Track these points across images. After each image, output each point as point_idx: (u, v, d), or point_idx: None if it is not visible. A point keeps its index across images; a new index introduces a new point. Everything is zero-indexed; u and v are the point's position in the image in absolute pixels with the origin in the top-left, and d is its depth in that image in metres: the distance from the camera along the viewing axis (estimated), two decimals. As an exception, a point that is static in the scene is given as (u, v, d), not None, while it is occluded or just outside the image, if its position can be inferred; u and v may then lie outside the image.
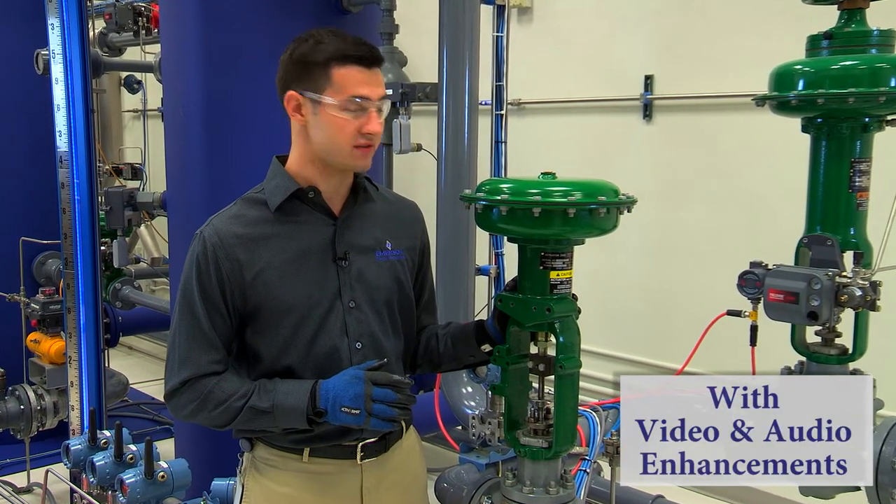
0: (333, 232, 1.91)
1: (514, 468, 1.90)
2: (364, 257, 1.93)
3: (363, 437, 1.93)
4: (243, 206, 1.92)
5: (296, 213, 1.90)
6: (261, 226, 1.88)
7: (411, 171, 5.03)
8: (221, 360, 1.87)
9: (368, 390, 1.74)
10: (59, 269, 4.60)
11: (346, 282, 1.90)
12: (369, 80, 1.81)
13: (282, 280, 1.85)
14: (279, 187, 1.90)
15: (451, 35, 3.48)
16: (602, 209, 1.70)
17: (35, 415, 4.59)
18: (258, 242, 1.86)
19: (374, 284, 1.93)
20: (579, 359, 1.78)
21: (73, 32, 3.82)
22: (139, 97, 6.36)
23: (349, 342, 1.90)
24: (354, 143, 1.82)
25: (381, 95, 1.83)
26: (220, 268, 1.84)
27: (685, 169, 4.49)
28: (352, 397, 1.75)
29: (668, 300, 4.60)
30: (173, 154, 3.63)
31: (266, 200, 1.90)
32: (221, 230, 1.87)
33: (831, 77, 2.10)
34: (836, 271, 2.10)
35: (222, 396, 1.83)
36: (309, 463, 1.93)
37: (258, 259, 1.85)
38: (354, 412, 1.74)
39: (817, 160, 2.23)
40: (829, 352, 2.23)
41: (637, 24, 4.63)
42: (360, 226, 1.95)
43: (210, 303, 1.84)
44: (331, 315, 1.88)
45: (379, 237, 1.97)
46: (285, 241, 1.87)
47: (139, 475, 2.60)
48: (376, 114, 1.82)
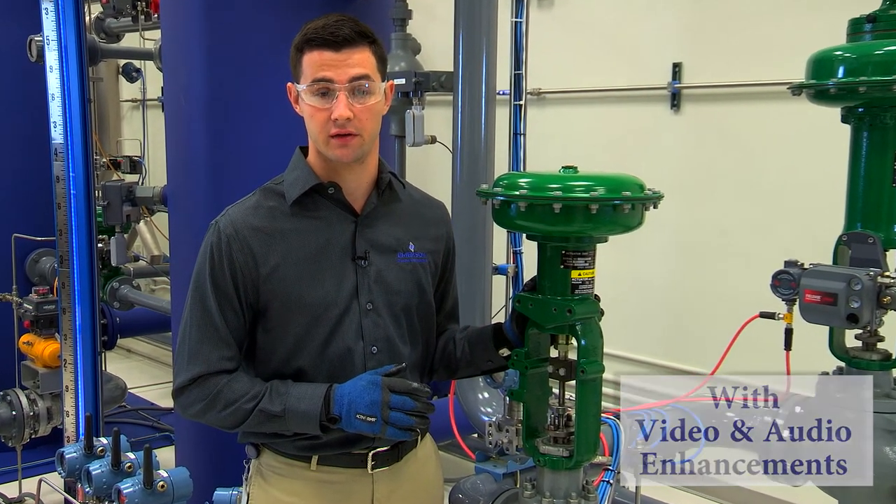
0: (354, 230, 1.91)
1: (533, 478, 1.90)
2: (385, 258, 1.93)
3: (375, 445, 1.94)
4: (262, 197, 1.93)
5: (315, 208, 1.91)
6: (279, 219, 1.89)
7: (425, 165, 5.04)
8: (233, 357, 1.88)
9: (386, 397, 1.75)
10: (54, 267, 4.62)
11: (365, 283, 1.91)
12: (334, 61, 1.79)
13: (297, 277, 1.86)
14: (298, 180, 1.91)
15: (467, 21, 3.48)
16: (626, 205, 1.70)
17: (27, 421, 4.61)
18: (275, 236, 1.87)
19: (393, 287, 1.94)
20: (602, 363, 1.78)
21: (69, 17, 3.84)
22: (138, 86, 6.38)
23: (364, 346, 1.90)
24: (328, 133, 1.81)
25: (349, 77, 1.79)
26: (234, 260, 1.85)
27: (716, 163, 4.48)
28: (368, 404, 1.75)
29: (698, 301, 4.58)
30: (174, 146, 3.65)
31: (284, 193, 1.91)
32: (237, 221, 1.88)
33: (874, 63, 2.09)
34: (878, 271, 2.09)
35: (232, 397, 1.84)
36: (318, 471, 1.93)
37: (274, 254, 1.86)
38: (370, 420, 1.75)
39: (858, 152, 2.22)
40: (871, 357, 2.22)
41: (664, 8, 4.62)
42: (383, 224, 1.95)
43: (223, 296, 1.86)
44: (346, 316, 1.89)
45: (401, 237, 1.97)
46: (303, 237, 1.88)
47: (138, 485, 2.61)
48: (344, 97, 1.78)
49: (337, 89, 1.79)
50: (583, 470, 1.88)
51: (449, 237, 2.11)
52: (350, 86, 1.79)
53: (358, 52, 1.81)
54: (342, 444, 1.91)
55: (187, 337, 1.89)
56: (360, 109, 1.81)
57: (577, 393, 1.77)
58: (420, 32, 4.68)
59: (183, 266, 3.38)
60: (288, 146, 2.00)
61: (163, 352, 7.24)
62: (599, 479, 2.04)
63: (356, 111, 1.80)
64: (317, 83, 1.79)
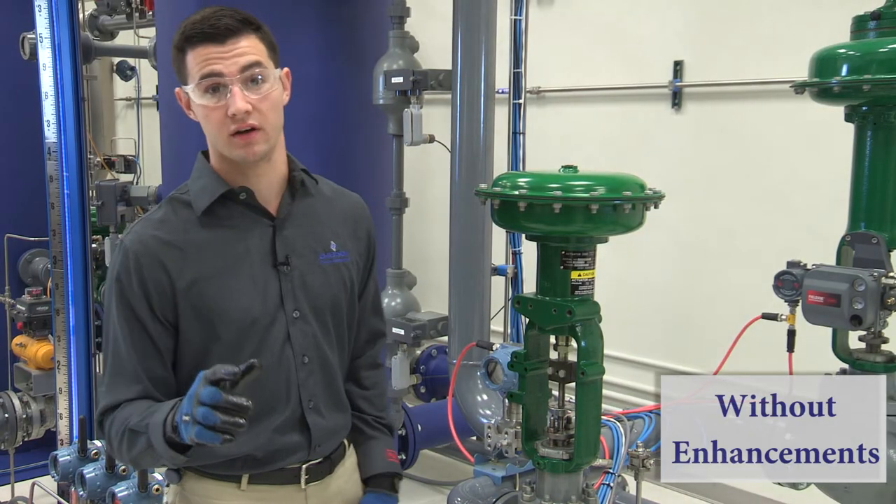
0: (272, 234, 1.83)
1: (533, 482, 1.90)
2: (306, 261, 1.86)
3: (309, 457, 1.89)
4: (169, 210, 1.83)
5: (228, 216, 1.81)
6: (190, 231, 1.79)
7: (423, 164, 5.04)
8: (141, 391, 1.77)
9: (199, 389, 1.53)
10: (47, 267, 4.63)
11: (289, 289, 1.83)
12: (220, 54, 1.68)
13: (218, 291, 1.77)
14: (206, 189, 1.80)
15: (465, 18, 3.49)
16: (627, 205, 1.69)
17: (20, 423, 4.61)
18: (187, 250, 1.77)
19: (318, 291, 1.87)
20: (602, 365, 1.78)
21: (62, 14, 3.84)
22: (133, 84, 6.39)
23: (294, 356, 1.84)
24: (228, 132, 1.70)
25: (240, 67, 1.68)
26: (146, 279, 1.74)
27: (717, 162, 4.47)
28: (188, 399, 1.56)
29: (698, 303, 4.58)
30: (169, 145, 3.65)
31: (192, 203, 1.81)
32: (145, 236, 1.77)
33: (879, 61, 2.08)
34: (882, 272, 2.09)
35: (118, 425, 1.73)
36: (248, 491, 1.86)
37: (190, 268, 1.76)
38: (185, 418, 1.54)
39: (862, 151, 2.22)
40: (875, 359, 2.22)
41: (666, 5, 4.62)
42: (301, 225, 1.87)
43: (135, 324, 1.76)
44: (273, 328, 1.81)
45: (321, 237, 1.90)
46: (219, 248, 1.79)
47: (132, 488, 2.61)
48: (238, 90, 1.68)
49: (228, 83, 1.68)
50: (583, 473, 1.88)
51: (370, 234, 2.01)
52: (242, 77, 1.69)
53: (244, 40, 1.71)
54: (273, 458, 1.85)
55: (105, 365, 1.82)
56: (258, 100, 1.70)
57: (576, 395, 1.77)
58: (418, 30, 4.67)
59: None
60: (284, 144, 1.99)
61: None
62: (600, 483, 2.04)
63: (254, 102, 1.70)
64: (205, 79, 1.68)
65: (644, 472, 1.97)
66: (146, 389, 1.77)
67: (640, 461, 1.99)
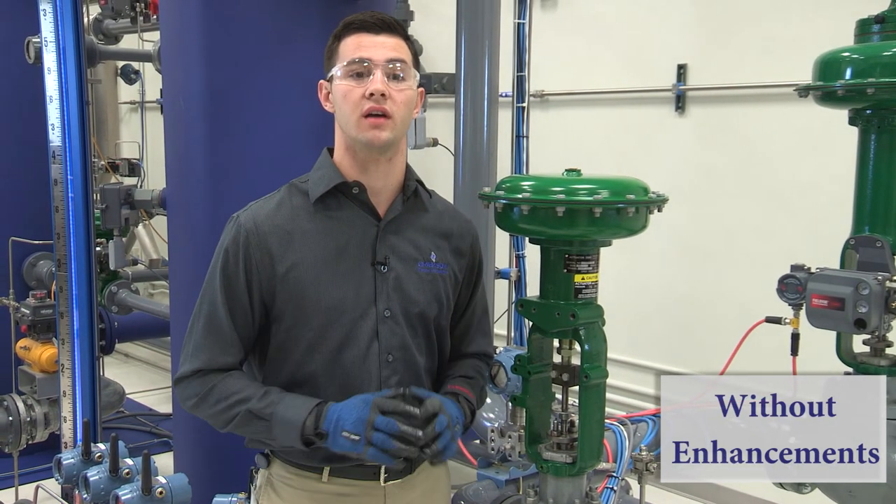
0: (376, 234, 1.89)
1: (536, 485, 1.90)
2: (405, 266, 1.90)
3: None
4: (286, 195, 1.92)
5: (338, 207, 1.89)
6: (301, 218, 1.87)
7: (427, 168, 5.02)
8: (235, 356, 1.87)
9: (373, 416, 1.70)
10: (52, 271, 4.63)
11: (383, 289, 1.88)
12: (372, 43, 1.81)
13: (314, 278, 1.84)
14: (322, 178, 1.89)
15: (469, 22, 3.49)
16: (630, 208, 1.70)
17: (24, 427, 4.61)
18: (294, 235, 1.85)
19: (412, 297, 1.90)
20: (606, 368, 1.78)
21: (67, 19, 3.85)
22: (137, 88, 6.41)
23: (380, 353, 1.87)
24: (362, 111, 1.79)
25: (387, 58, 1.80)
26: (251, 256, 1.84)
27: (721, 165, 4.47)
28: (354, 421, 1.71)
29: (702, 306, 4.58)
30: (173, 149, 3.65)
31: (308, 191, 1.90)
32: (259, 216, 1.87)
33: (883, 64, 2.08)
34: (887, 275, 2.08)
35: (225, 393, 1.83)
36: (329, 483, 1.90)
37: (292, 253, 1.84)
38: (354, 438, 1.71)
39: (866, 155, 2.21)
40: (879, 363, 2.21)
41: (670, 9, 4.62)
42: (406, 231, 1.92)
43: (233, 295, 1.85)
44: (362, 322, 1.86)
45: (424, 247, 1.94)
46: (323, 238, 1.86)
47: (136, 491, 2.61)
48: (381, 74, 1.79)
49: (373, 68, 1.79)
50: (586, 476, 1.87)
51: (475, 252, 2.05)
52: (386, 66, 1.80)
53: (395, 39, 1.83)
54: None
55: (195, 328, 1.88)
56: (395, 92, 1.80)
57: (580, 399, 1.77)
58: (422, 34, 4.68)
59: (182, 269, 3.38)
60: (288, 148, 2.00)
61: (161, 356, 7.24)
62: (603, 486, 2.04)
63: (391, 92, 1.79)
64: (353, 64, 1.80)
65: (647, 475, 1.97)
66: (239, 358, 1.88)
67: (643, 464, 2.00)
